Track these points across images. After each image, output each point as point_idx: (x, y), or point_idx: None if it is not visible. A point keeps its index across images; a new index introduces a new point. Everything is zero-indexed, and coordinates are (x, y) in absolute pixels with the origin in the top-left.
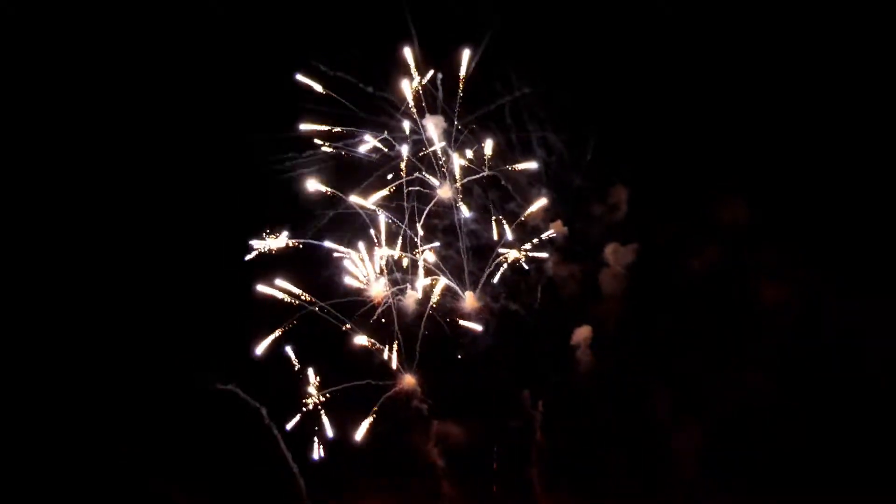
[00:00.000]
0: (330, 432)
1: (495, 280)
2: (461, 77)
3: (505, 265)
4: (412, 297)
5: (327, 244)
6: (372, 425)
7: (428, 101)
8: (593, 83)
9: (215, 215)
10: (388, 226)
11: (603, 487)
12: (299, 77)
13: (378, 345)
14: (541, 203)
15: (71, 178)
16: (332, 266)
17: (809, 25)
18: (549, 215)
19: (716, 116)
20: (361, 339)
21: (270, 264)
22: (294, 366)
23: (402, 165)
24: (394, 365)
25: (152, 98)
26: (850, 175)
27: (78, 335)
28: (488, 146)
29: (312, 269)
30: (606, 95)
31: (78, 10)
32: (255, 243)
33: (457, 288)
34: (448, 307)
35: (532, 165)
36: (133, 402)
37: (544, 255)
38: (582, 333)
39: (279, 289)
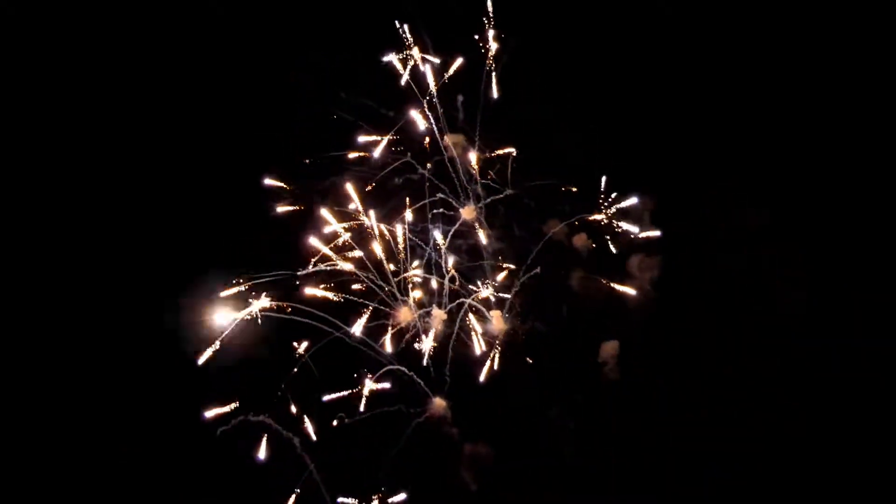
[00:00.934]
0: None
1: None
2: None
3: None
4: (438, 318)
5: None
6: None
7: (448, 122)
8: (612, 94)
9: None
10: (411, 248)
11: None
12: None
13: (406, 371)
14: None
15: (71, 178)
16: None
17: (837, 35)
18: (571, 230)
19: (734, 123)
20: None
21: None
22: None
23: (425, 186)
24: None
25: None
26: (871, 179)
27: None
28: (508, 164)
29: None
30: (626, 106)
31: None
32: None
33: (483, 309)
34: (473, 328)
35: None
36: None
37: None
38: (609, 349)
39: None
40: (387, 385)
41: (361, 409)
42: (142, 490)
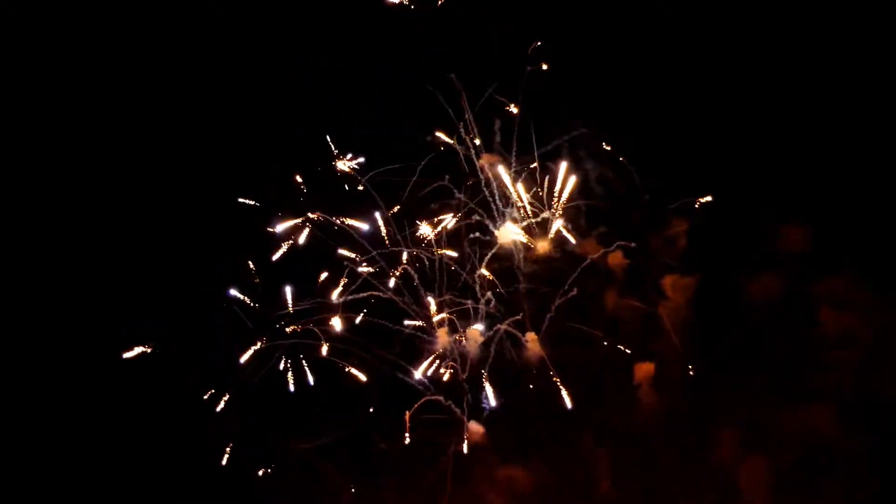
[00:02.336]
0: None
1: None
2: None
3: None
4: (473, 340)
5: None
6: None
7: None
8: (649, 114)
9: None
10: (447, 271)
11: None
12: None
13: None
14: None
15: (74, 175)
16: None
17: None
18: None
19: (776, 144)
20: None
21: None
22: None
23: (461, 210)
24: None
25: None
26: None
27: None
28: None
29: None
30: (663, 127)
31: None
32: None
33: (517, 333)
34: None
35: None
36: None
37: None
38: (644, 371)
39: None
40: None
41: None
42: None
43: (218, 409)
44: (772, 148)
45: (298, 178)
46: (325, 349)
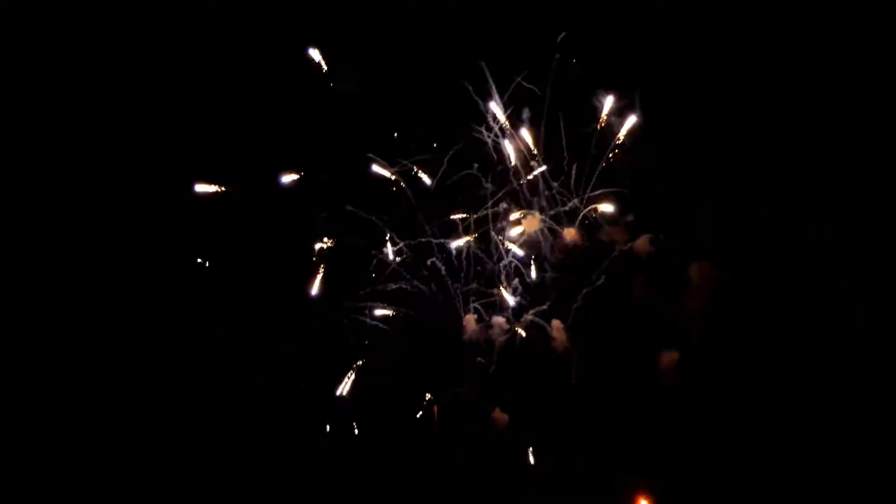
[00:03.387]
0: None
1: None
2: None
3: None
4: (499, 326)
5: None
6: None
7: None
8: (679, 103)
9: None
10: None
11: None
12: None
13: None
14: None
15: (78, 171)
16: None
17: None
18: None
19: (806, 134)
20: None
21: None
22: None
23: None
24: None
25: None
26: None
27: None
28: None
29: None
30: (693, 115)
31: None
32: None
33: (542, 322)
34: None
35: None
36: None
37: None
38: (668, 359)
39: None
40: None
41: None
42: None
43: None
44: (803, 139)
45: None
46: None
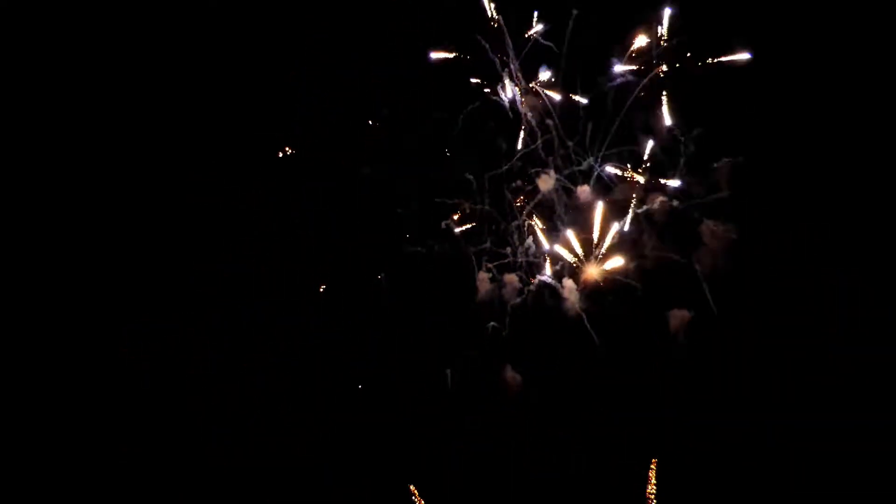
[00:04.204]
0: None
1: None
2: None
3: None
4: (511, 284)
5: None
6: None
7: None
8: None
9: None
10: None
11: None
12: None
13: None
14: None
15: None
16: None
17: None
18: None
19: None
20: None
21: None
22: None
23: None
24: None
25: None
26: None
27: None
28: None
29: None
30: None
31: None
32: None
33: (556, 284)
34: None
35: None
36: None
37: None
38: (679, 318)
39: None
40: None
41: None
42: None
43: None
44: (822, 103)
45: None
46: None
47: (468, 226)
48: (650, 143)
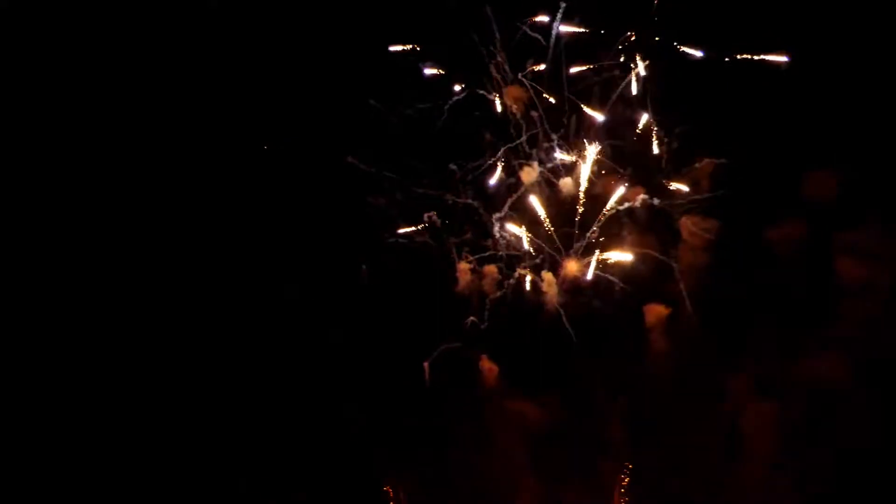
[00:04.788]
0: None
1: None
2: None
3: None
4: (491, 276)
5: None
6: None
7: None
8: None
9: None
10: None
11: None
12: None
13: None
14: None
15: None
16: None
17: None
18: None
19: (805, 89)
20: None
21: None
22: None
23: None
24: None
25: None
26: None
27: None
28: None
29: None
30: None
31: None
32: None
33: (535, 277)
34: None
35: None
36: None
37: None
38: (656, 313)
39: None
40: None
41: None
42: None
43: None
44: (801, 93)
45: None
46: None
47: (449, 217)
48: (634, 138)
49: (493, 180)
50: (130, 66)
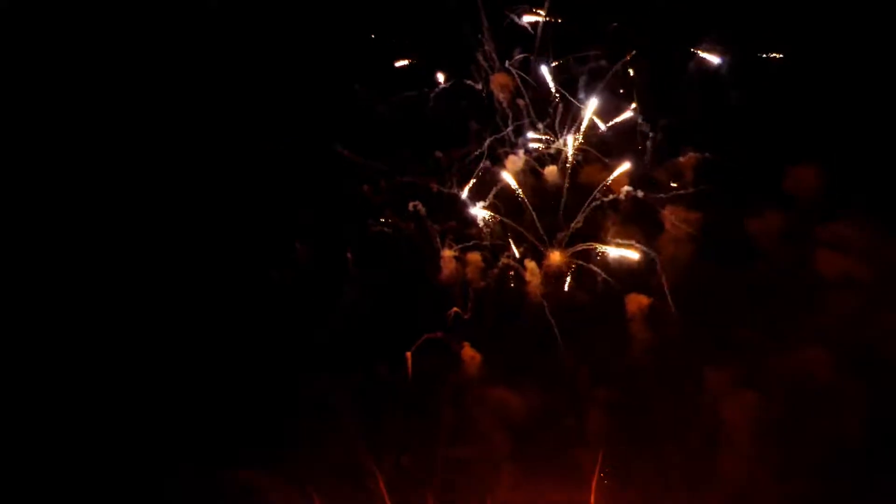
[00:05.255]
0: None
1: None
2: None
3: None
4: (475, 264)
5: None
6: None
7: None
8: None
9: None
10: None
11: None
12: None
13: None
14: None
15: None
16: None
17: None
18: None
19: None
20: None
21: None
22: None
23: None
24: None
25: None
26: None
27: None
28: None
29: None
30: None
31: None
32: None
33: (518, 266)
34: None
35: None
36: None
37: None
38: (637, 303)
39: None
40: None
41: None
42: None
43: None
44: (785, 89)
45: None
46: None
47: (434, 205)
48: (619, 129)
49: (478, 169)
50: (130, 64)
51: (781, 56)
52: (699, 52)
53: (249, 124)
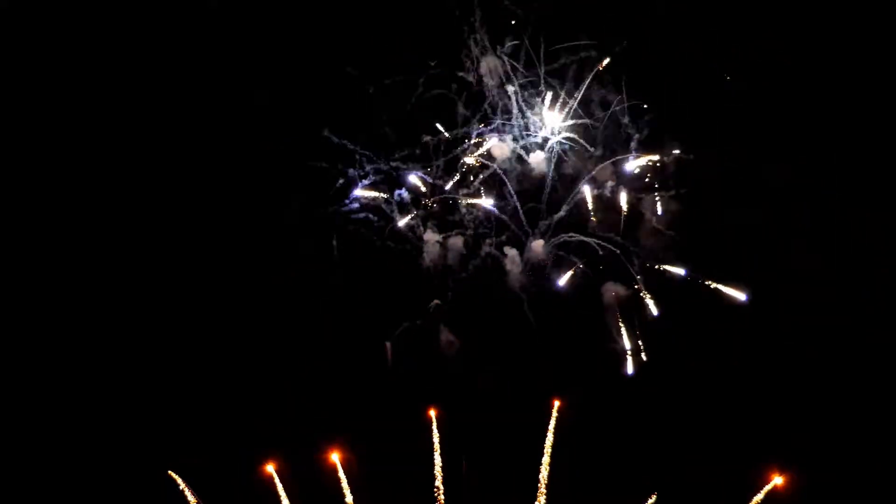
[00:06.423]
0: None
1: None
2: None
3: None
4: (456, 249)
5: None
6: None
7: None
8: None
9: None
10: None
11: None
12: None
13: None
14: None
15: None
16: None
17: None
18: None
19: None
20: None
21: None
22: None
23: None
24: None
25: None
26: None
27: None
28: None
29: None
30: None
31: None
32: None
33: (499, 253)
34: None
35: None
36: None
37: None
38: (613, 292)
39: None
40: None
41: None
42: None
43: None
44: (765, 88)
45: None
46: None
47: (418, 191)
48: (605, 122)
49: (464, 155)
50: (130, 64)
51: (774, 53)
52: (689, 48)
53: (249, 124)
